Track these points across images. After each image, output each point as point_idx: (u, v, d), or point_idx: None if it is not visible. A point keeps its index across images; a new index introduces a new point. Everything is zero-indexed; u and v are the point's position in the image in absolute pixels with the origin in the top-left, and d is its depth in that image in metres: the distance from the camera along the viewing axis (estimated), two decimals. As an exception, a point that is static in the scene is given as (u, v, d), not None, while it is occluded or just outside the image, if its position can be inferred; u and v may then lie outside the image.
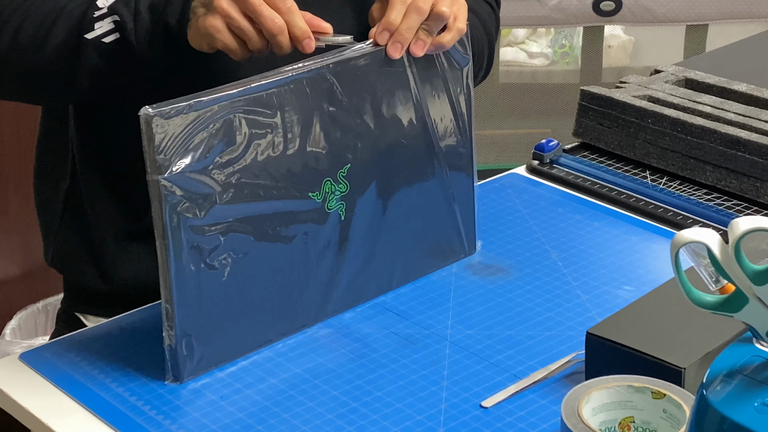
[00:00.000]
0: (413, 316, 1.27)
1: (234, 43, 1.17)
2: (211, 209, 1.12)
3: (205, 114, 1.10)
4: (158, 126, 1.07)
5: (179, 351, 1.14)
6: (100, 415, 1.11)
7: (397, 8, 1.21)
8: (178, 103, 1.09)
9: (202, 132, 1.10)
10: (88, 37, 1.22)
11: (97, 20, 1.22)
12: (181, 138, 1.09)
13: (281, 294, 1.21)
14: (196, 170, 1.10)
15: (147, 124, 1.07)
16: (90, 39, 1.22)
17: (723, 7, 3.00)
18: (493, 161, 3.14)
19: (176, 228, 1.10)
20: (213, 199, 1.12)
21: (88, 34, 1.22)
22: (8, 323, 2.50)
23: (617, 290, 1.31)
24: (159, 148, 1.08)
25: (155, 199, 1.09)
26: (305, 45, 1.18)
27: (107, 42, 1.22)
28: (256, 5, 1.16)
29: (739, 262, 0.86)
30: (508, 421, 1.10)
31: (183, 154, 1.09)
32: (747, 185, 1.48)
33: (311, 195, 1.20)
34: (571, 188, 1.55)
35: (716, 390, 0.87)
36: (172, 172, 1.09)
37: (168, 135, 1.08)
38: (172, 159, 1.08)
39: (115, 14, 1.22)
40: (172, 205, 1.09)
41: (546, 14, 3.02)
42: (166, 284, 1.12)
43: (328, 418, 1.11)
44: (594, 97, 1.63)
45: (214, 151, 1.11)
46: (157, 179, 1.08)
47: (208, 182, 1.11)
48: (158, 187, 1.09)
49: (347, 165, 1.22)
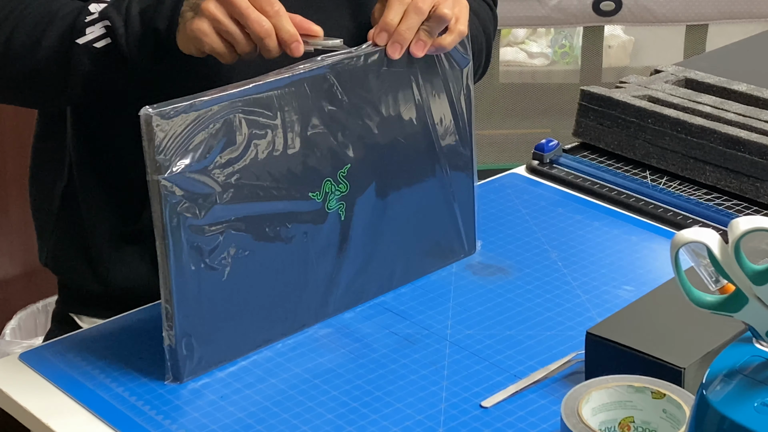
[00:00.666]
0: (413, 316, 1.27)
1: (222, 47, 1.17)
2: (211, 209, 1.12)
3: (205, 114, 1.10)
4: (158, 126, 1.07)
5: (179, 351, 1.14)
6: (100, 415, 1.11)
7: (395, 8, 1.21)
8: (179, 103, 1.09)
9: (202, 132, 1.10)
10: (79, 42, 1.23)
11: (88, 25, 1.23)
12: (182, 138, 1.09)
13: (281, 294, 1.20)
14: (196, 170, 1.10)
15: (147, 124, 1.07)
16: (81, 44, 1.23)
17: (723, 7, 3.00)
18: (493, 161, 3.14)
19: (176, 228, 1.10)
20: (213, 199, 1.12)
21: (80, 39, 1.23)
22: (8, 323, 2.50)
23: (617, 290, 1.31)
24: (159, 148, 1.08)
25: (155, 199, 1.09)
26: (293, 48, 1.18)
27: (98, 47, 1.23)
28: (243, 8, 1.16)
29: (739, 262, 0.86)
30: (508, 421, 1.10)
31: (183, 154, 1.09)
32: (747, 185, 1.48)
33: (311, 195, 1.20)
34: (571, 188, 1.55)
35: (716, 390, 0.87)
36: (172, 172, 1.09)
37: (168, 135, 1.08)
38: (172, 159, 1.08)
39: (106, 19, 1.22)
40: (172, 205, 1.09)
41: (546, 14, 3.02)
42: (166, 284, 1.12)
43: (328, 418, 1.11)
44: (594, 97, 1.63)
45: (214, 151, 1.11)
46: (157, 179, 1.08)
47: (208, 182, 1.11)
48: (158, 187, 1.09)
49: (347, 165, 1.22)
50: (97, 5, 1.24)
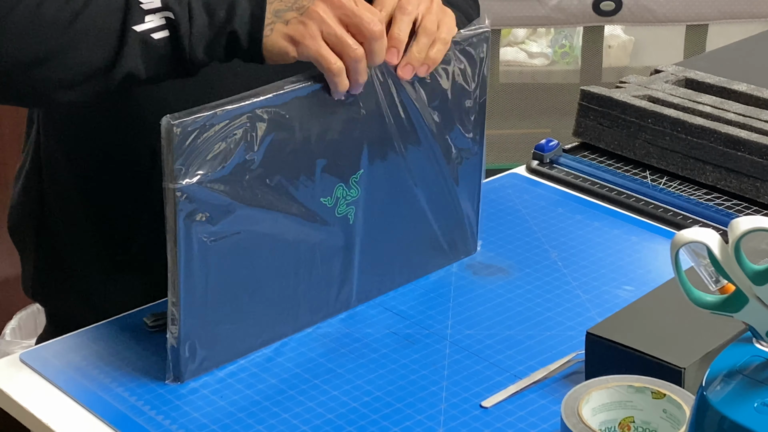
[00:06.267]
0: (413, 316, 1.27)
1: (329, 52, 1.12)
2: (225, 218, 1.11)
3: (224, 123, 1.09)
4: (178, 135, 1.06)
5: (181, 353, 1.14)
6: (100, 415, 1.11)
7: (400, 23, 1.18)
8: (199, 113, 1.08)
9: (221, 142, 1.09)
10: (136, 29, 1.12)
11: (148, 13, 1.12)
12: (201, 148, 1.08)
13: (285, 296, 1.20)
14: (213, 180, 1.09)
15: (168, 133, 1.06)
16: (139, 31, 1.12)
17: (723, 7, 3.00)
18: (493, 161, 3.13)
19: (188, 236, 1.10)
20: (227, 208, 1.11)
21: (138, 26, 1.12)
22: (8, 323, 2.50)
23: (617, 290, 1.31)
24: (177, 157, 1.07)
25: (170, 206, 1.09)
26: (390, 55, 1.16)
27: (156, 38, 1.13)
28: (354, 10, 1.12)
29: (739, 262, 0.86)
30: (508, 421, 1.10)
31: (201, 164, 1.08)
32: (747, 185, 1.48)
33: (323, 200, 1.19)
34: (571, 188, 1.55)
35: (716, 390, 0.87)
36: (188, 181, 1.08)
37: (187, 144, 1.07)
38: (189, 168, 1.08)
39: (168, 10, 1.12)
40: (186, 214, 1.09)
41: (546, 14, 3.02)
42: (174, 288, 1.11)
43: (328, 418, 1.11)
44: (594, 97, 1.63)
45: (232, 161, 1.10)
46: (173, 188, 1.08)
47: (224, 190, 1.10)
48: (173, 195, 1.08)
49: (360, 171, 1.21)
50: None
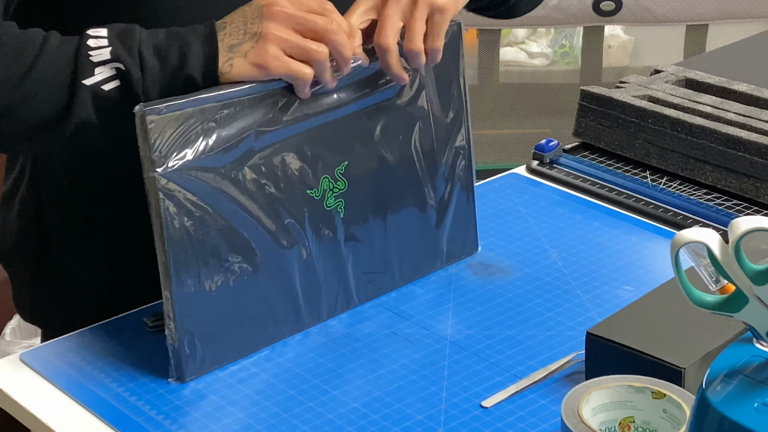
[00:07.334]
0: (413, 316, 1.27)
1: (299, 66, 1.12)
2: (209, 207, 1.12)
3: (202, 111, 1.10)
4: (152, 122, 1.07)
5: (182, 349, 1.14)
6: (100, 415, 1.11)
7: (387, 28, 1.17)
8: (174, 100, 1.09)
9: (197, 128, 1.10)
10: (86, 83, 1.10)
11: (97, 65, 1.10)
12: (177, 135, 1.08)
13: (282, 293, 1.20)
14: (194, 167, 1.10)
15: (141, 121, 1.07)
16: (89, 85, 1.10)
17: (723, 7, 3.00)
18: (493, 161, 3.14)
19: (174, 225, 1.10)
20: (210, 196, 1.12)
21: (87, 80, 1.10)
22: (8, 323, 2.50)
23: (617, 290, 1.31)
24: (154, 146, 1.07)
25: (152, 196, 1.09)
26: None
27: (106, 89, 1.11)
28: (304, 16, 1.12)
29: (739, 262, 0.86)
30: (508, 421, 1.10)
31: (179, 150, 1.09)
32: (747, 185, 1.48)
33: (309, 192, 1.20)
34: (571, 188, 1.55)
35: (716, 390, 0.87)
36: (167, 168, 1.08)
37: (163, 132, 1.08)
38: (168, 156, 1.08)
39: (117, 61, 1.10)
40: (169, 203, 1.09)
41: (546, 14, 3.02)
42: (166, 282, 1.12)
43: (328, 418, 1.11)
44: (594, 97, 1.63)
45: (210, 148, 1.11)
46: (153, 176, 1.08)
47: (206, 179, 1.11)
48: (154, 184, 1.08)
49: (344, 162, 1.22)
50: (96, 39, 1.11)
